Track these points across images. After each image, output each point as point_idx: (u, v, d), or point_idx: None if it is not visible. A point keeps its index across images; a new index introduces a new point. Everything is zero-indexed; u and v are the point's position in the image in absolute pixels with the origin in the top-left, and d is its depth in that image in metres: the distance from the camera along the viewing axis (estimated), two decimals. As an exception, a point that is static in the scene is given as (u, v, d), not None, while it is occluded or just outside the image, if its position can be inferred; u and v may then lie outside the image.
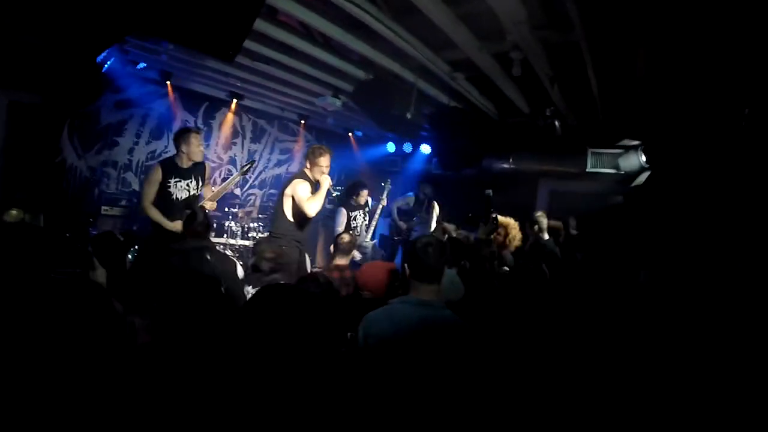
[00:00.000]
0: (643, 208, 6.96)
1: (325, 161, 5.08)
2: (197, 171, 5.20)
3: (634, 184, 7.03)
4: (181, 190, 5.09)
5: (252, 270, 4.10)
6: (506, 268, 4.66)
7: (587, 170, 7.38)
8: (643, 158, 6.68)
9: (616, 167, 7.10)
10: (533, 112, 6.75)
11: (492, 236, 4.75)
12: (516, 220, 5.20)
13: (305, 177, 5.09)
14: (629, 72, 4.95)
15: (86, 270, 3.13)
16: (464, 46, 4.77)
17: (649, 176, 6.80)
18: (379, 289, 3.56)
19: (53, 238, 5.06)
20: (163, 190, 4.99)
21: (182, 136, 5.08)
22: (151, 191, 4.96)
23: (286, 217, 5.11)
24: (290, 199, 5.05)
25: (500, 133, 7.78)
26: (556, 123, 6.67)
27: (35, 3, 4.47)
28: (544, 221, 5.44)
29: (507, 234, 5.09)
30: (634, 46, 4.37)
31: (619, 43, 4.48)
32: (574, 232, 6.72)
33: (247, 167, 5.66)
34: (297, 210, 5.03)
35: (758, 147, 5.63)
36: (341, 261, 4.55)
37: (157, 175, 4.98)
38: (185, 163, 5.09)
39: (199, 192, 5.24)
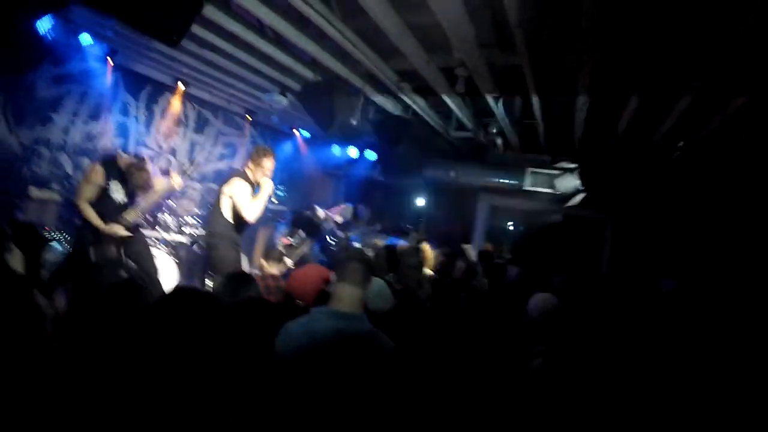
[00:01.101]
0: (578, 227, 7.29)
1: (269, 163, 5.04)
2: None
3: (569, 204, 7.30)
4: (120, 194, 4.99)
5: None
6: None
7: (525, 188, 7.60)
8: (578, 181, 6.94)
9: (552, 187, 7.34)
10: (477, 127, 6.88)
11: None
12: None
13: (245, 177, 4.99)
14: (570, 97, 5.13)
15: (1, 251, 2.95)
16: (412, 57, 4.81)
17: (583, 198, 7.08)
18: (308, 296, 3.51)
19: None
20: (103, 193, 4.87)
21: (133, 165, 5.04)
22: (88, 190, 4.82)
23: (223, 217, 5.00)
24: (229, 199, 4.95)
25: (444, 145, 7.89)
26: (498, 140, 6.83)
27: None
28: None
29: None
30: (576, 75, 4.53)
31: (562, 69, 4.63)
32: (507, 256, 6.96)
33: (190, 171, 5.55)
34: (235, 211, 4.93)
35: (688, 179, 5.96)
36: (274, 270, 4.52)
37: (97, 176, 4.84)
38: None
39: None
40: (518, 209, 8.37)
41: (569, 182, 7.07)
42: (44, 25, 5.53)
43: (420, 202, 4.58)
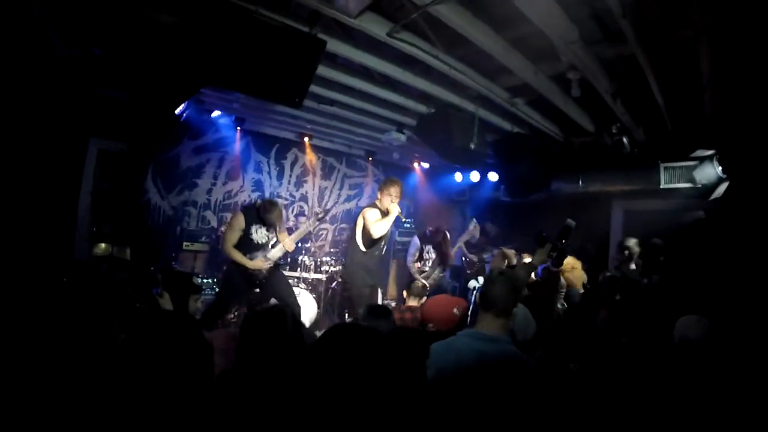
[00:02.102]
0: (726, 223, 6.53)
1: (395, 191, 5.47)
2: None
3: (712, 197, 6.64)
4: (260, 235, 5.50)
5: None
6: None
7: (661, 187, 7.05)
8: (720, 168, 6.33)
9: (692, 181, 6.73)
10: (599, 131, 6.62)
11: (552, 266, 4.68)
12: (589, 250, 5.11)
13: (375, 206, 5.51)
14: (694, 78, 4.78)
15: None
16: (520, 72, 4.81)
17: (728, 187, 6.43)
18: (443, 323, 3.57)
19: (139, 269, 5.52)
20: (245, 236, 5.40)
21: (264, 207, 5.54)
22: (233, 236, 5.40)
23: (357, 245, 5.49)
24: (361, 228, 5.45)
25: (567, 154, 7.65)
26: (624, 140, 6.51)
27: (120, 63, 4.99)
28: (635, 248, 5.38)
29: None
30: (695, 50, 4.25)
31: (679, 49, 4.37)
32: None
33: (322, 215, 6.05)
34: (367, 236, 5.36)
35: None
36: (413, 302, 4.66)
37: (240, 222, 5.42)
38: (263, 216, 5.51)
39: (276, 237, 5.68)
40: (656, 211, 7.71)
41: (709, 172, 6.47)
42: (182, 108, 6.40)
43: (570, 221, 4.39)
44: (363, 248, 5.46)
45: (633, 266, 5.70)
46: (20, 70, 4.46)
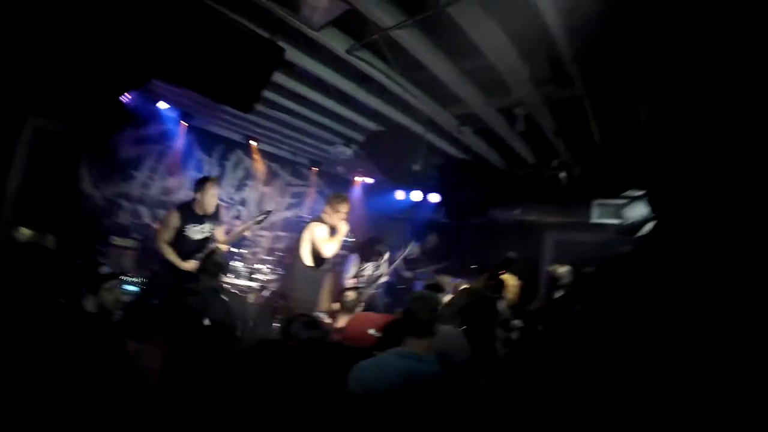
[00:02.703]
0: (651, 258, 6.93)
1: (344, 208, 5.37)
2: (212, 216, 5.47)
3: (639, 234, 7.05)
4: (195, 233, 5.32)
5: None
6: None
7: (592, 221, 7.43)
8: (648, 208, 6.72)
9: (621, 217, 7.13)
10: (539, 164, 6.89)
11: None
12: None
13: (322, 221, 5.36)
14: (632, 122, 5.06)
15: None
16: (470, 101, 4.96)
17: (654, 226, 6.81)
18: (359, 340, 3.59)
19: (62, 261, 5.24)
20: (179, 235, 5.23)
21: (200, 183, 5.36)
22: (166, 234, 5.21)
23: (302, 261, 5.34)
24: (308, 243, 5.30)
25: (507, 184, 7.90)
26: (562, 174, 6.80)
27: (69, 43, 4.75)
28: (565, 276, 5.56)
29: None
30: (635, 98, 4.50)
31: (621, 96, 4.61)
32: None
33: (261, 218, 5.95)
34: (315, 252, 5.26)
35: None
36: (344, 322, 4.62)
37: (174, 220, 5.23)
38: (200, 211, 5.34)
39: (212, 233, 5.46)
40: (586, 243, 8.10)
41: (638, 210, 6.86)
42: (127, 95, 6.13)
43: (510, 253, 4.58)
44: (310, 263, 5.39)
45: (559, 294, 5.88)
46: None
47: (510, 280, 5.63)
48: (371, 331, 3.57)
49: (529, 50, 3.98)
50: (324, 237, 5.25)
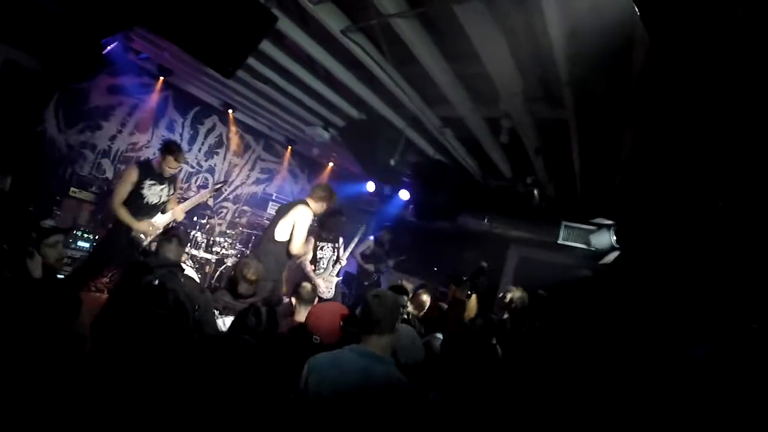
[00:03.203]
0: (610, 286, 7.08)
1: (331, 203, 5.56)
2: (171, 178, 5.28)
3: (602, 261, 7.14)
4: (153, 194, 5.14)
5: (229, 289, 4.04)
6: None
7: (558, 242, 7.48)
8: (614, 238, 6.81)
9: (587, 243, 7.20)
10: (515, 178, 6.88)
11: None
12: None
13: (309, 209, 5.35)
14: (613, 156, 5.10)
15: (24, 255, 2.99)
16: (458, 106, 4.87)
17: (617, 257, 6.92)
18: (329, 334, 3.47)
19: (16, 205, 4.95)
20: (136, 192, 5.03)
21: (167, 148, 5.15)
22: (123, 190, 5.00)
23: (279, 240, 5.25)
24: (291, 224, 5.22)
25: (479, 192, 7.88)
26: (535, 192, 6.79)
27: None
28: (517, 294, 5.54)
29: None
30: (620, 132, 4.52)
31: (606, 128, 4.63)
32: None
33: (219, 186, 5.84)
34: (291, 236, 5.22)
35: (729, 240, 5.78)
36: (301, 316, 4.36)
37: (133, 176, 5.02)
38: (160, 170, 5.15)
39: (168, 198, 5.28)
40: (549, 262, 8.19)
41: (604, 239, 6.94)
42: (108, 39, 5.83)
43: (483, 263, 4.68)
44: (280, 239, 5.26)
45: (506, 315, 5.81)
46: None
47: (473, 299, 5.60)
48: (315, 339, 3.42)
49: (527, 65, 3.92)
50: (305, 227, 5.26)
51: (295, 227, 5.19)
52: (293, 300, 4.55)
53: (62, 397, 1.85)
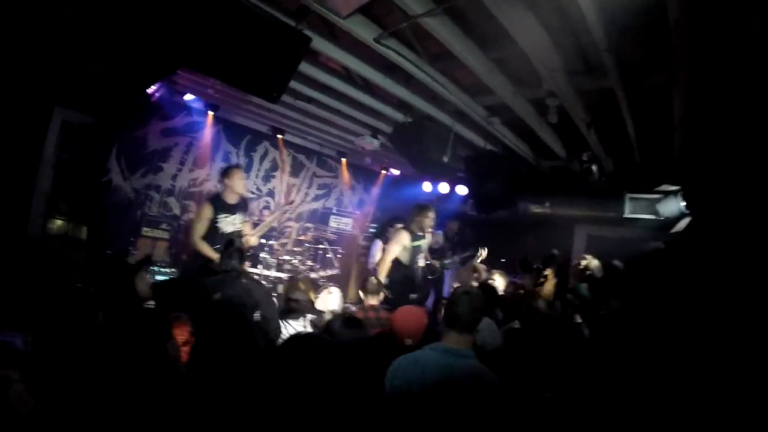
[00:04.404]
0: (684, 255, 6.72)
1: (428, 220, 6.16)
2: (241, 207, 5.59)
3: (674, 230, 6.84)
4: (227, 224, 5.43)
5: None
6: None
7: (625, 215, 7.21)
8: (683, 204, 6.51)
9: (655, 213, 6.91)
10: (570, 156, 6.74)
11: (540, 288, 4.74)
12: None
13: (408, 230, 6.07)
14: (666, 117, 4.91)
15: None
16: (500, 92, 4.85)
17: (689, 222, 6.61)
18: (417, 335, 3.52)
19: (95, 251, 5.28)
20: (212, 226, 5.32)
21: (226, 172, 5.46)
22: (201, 227, 5.31)
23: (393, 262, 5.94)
24: (398, 246, 5.97)
25: (536, 176, 7.75)
26: (593, 168, 6.63)
27: (97, 33, 4.78)
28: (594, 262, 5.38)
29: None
30: (670, 91, 4.36)
31: (655, 89, 4.48)
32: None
33: (288, 207, 6.01)
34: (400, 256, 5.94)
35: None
36: (373, 301, 4.60)
37: (207, 212, 5.34)
38: (231, 199, 5.45)
39: (241, 227, 5.59)
40: (618, 239, 7.89)
41: (673, 206, 6.65)
42: (154, 87, 6.17)
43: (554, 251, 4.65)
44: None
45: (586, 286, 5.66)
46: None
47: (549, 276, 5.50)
48: (407, 341, 3.47)
49: (561, 39, 3.87)
50: (397, 247, 5.94)
51: (387, 246, 6.04)
52: (360, 292, 4.72)
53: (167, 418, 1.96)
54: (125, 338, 2.34)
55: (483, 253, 6.35)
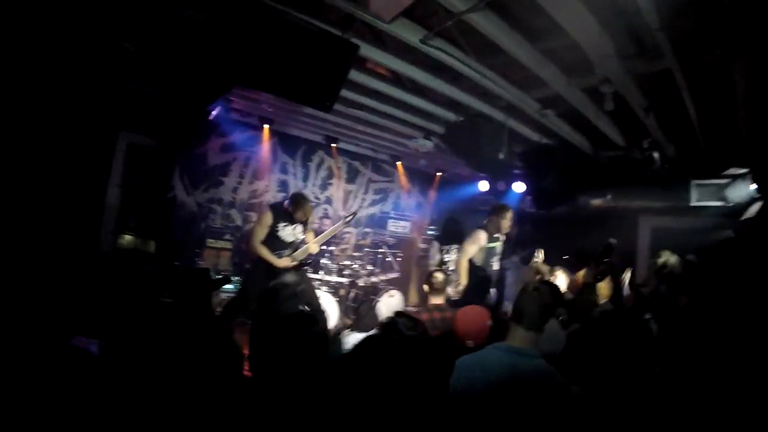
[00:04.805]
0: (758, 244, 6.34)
1: (505, 221, 6.12)
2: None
3: (744, 216, 6.48)
4: (288, 234, 5.62)
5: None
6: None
7: (691, 204, 6.90)
8: (754, 187, 6.17)
9: (723, 199, 6.58)
10: (629, 145, 6.53)
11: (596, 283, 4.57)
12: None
13: (486, 230, 6.10)
14: (729, 94, 4.68)
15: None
16: (552, 83, 4.78)
17: (762, 207, 6.25)
18: (480, 336, 3.44)
19: (163, 263, 5.58)
20: (272, 233, 5.53)
21: (294, 201, 5.63)
22: (261, 232, 5.54)
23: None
24: (475, 247, 6.00)
25: (595, 168, 7.54)
26: (655, 155, 6.39)
27: (154, 60, 5.09)
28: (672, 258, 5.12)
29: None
30: (730, 66, 4.16)
31: (714, 66, 4.30)
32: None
33: (349, 218, 6.17)
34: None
35: None
36: (438, 300, 4.57)
37: (268, 219, 5.55)
38: (291, 214, 5.62)
39: (303, 236, 5.77)
40: (685, 229, 7.51)
41: (743, 190, 6.31)
42: (211, 106, 6.50)
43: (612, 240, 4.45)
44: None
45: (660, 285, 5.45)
46: (54, 62, 4.58)
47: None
48: (469, 344, 3.44)
49: (612, 22, 3.78)
50: (474, 246, 5.97)
51: (467, 247, 6.04)
52: (425, 288, 4.69)
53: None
54: (196, 343, 2.46)
55: (540, 254, 6.24)
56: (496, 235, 6.17)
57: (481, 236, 6.01)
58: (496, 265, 6.37)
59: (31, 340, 2.52)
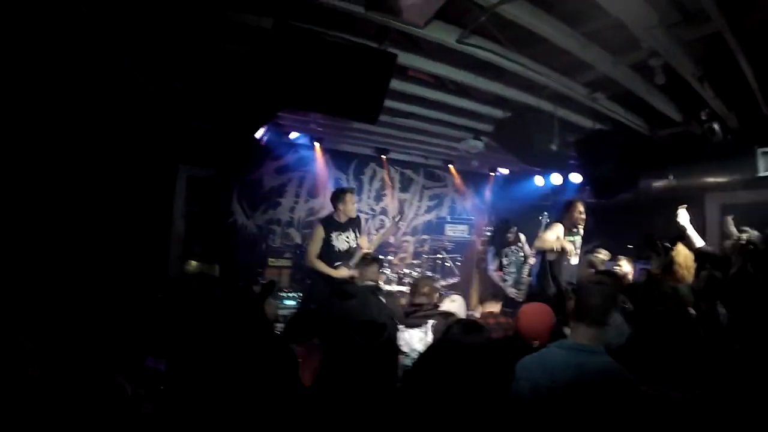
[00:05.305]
0: None
1: (576, 213, 6.13)
2: (353, 224, 5.85)
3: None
4: (341, 242, 5.71)
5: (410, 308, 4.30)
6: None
7: (759, 174, 6.51)
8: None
9: (796, 165, 6.18)
10: (687, 119, 6.28)
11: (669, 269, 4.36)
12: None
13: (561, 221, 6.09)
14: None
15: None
16: (598, 65, 4.69)
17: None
18: (544, 335, 3.32)
19: (229, 284, 5.82)
20: (326, 244, 5.64)
21: (338, 196, 5.80)
22: (315, 246, 5.68)
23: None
24: (554, 238, 5.91)
25: (654, 148, 7.28)
26: (715, 126, 6.12)
27: (205, 96, 5.39)
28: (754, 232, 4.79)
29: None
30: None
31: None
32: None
33: (398, 218, 6.22)
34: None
35: None
36: (493, 308, 4.50)
37: (320, 233, 5.69)
38: (342, 218, 5.76)
39: (356, 243, 5.82)
40: (756, 203, 7.04)
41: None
42: (262, 132, 6.90)
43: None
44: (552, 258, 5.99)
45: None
46: (115, 109, 4.93)
47: (683, 252, 5.03)
48: (534, 344, 3.37)
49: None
50: (551, 236, 5.92)
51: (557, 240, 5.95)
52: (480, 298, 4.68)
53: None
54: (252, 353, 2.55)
55: (602, 251, 6.13)
56: (574, 230, 6.13)
57: (559, 228, 5.96)
58: (573, 260, 6.20)
59: (108, 361, 2.69)
